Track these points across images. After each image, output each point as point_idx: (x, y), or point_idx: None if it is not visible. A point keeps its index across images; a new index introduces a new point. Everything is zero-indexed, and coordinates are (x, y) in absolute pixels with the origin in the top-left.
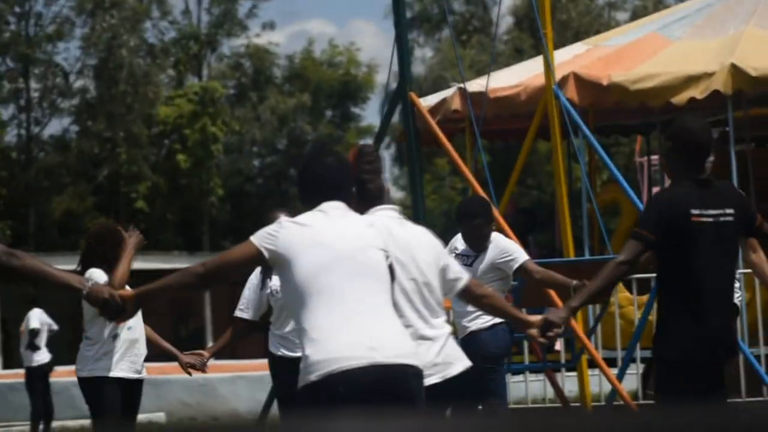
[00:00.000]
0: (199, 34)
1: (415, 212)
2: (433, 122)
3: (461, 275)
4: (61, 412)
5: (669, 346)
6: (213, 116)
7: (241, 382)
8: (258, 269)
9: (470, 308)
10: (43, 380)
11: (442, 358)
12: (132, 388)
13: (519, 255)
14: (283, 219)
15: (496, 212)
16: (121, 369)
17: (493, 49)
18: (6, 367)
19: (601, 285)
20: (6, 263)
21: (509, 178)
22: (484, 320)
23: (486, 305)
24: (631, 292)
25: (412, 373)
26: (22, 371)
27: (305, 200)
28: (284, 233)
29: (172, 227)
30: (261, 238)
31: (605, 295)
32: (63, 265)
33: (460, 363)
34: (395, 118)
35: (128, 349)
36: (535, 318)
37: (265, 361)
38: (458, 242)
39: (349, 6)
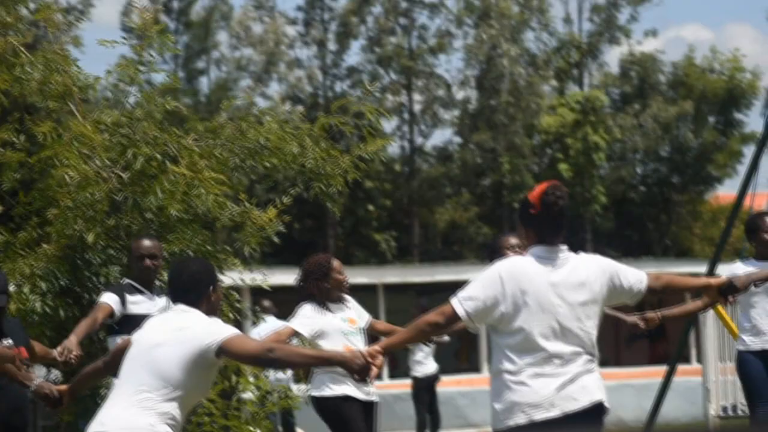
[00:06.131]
0: (580, 43)
1: None
2: None
3: (635, 283)
4: (448, 422)
5: None
6: (595, 125)
7: (627, 390)
8: None
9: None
10: (429, 390)
11: (565, 393)
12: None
13: None
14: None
15: None
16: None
17: None
18: (392, 377)
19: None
20: None
21: None
22: None
23: (670, 288)
24: None
25: None
26: (408, 381)
27: None
28: None
29: None
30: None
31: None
32: (446, 276)
33: (585, 398)
34: None
35: None
36: (719, 279)
37: (650, 369)
38: None
39: (725, 10)
